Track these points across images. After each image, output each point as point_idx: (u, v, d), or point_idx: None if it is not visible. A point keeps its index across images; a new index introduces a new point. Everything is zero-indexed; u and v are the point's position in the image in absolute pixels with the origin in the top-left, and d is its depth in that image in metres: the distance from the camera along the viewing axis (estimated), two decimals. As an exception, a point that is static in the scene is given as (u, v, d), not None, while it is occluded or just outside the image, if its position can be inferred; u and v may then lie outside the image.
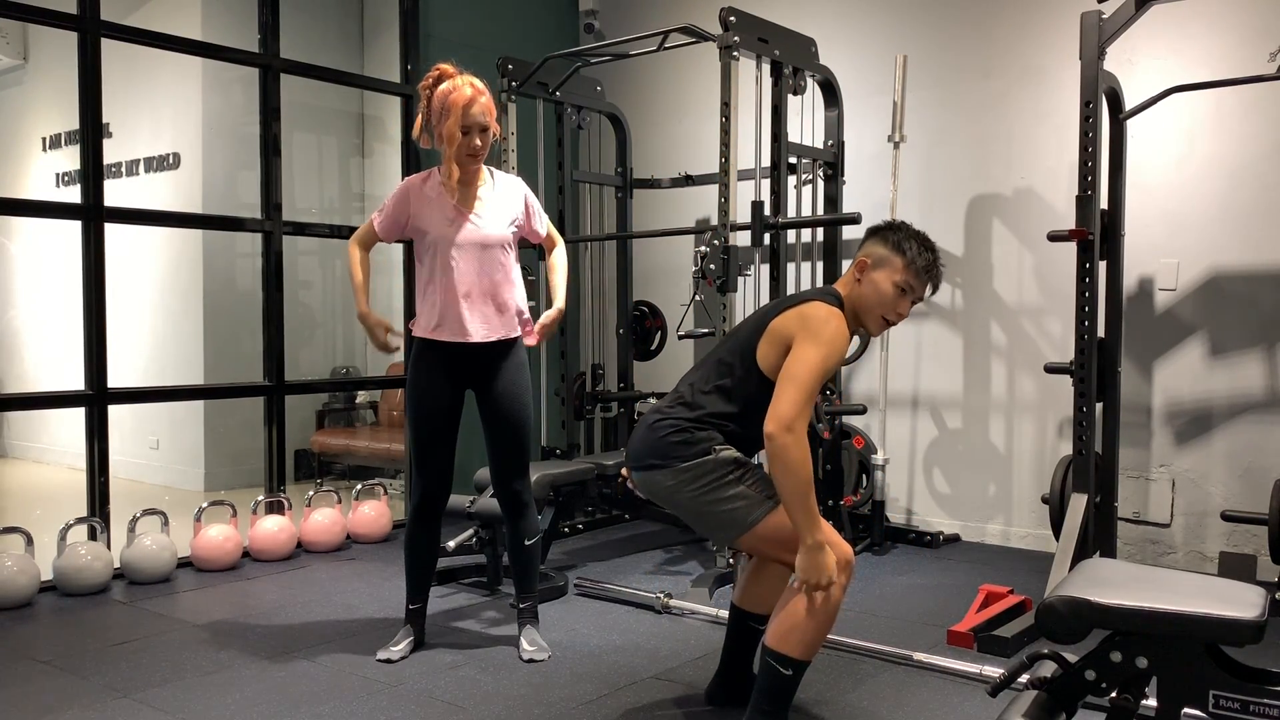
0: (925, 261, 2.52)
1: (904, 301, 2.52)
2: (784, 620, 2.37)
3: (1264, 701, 1.89)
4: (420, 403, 3.12)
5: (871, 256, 2.53)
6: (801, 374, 2.34)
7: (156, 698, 2.85)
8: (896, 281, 2.50)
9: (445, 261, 3.06)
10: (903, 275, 2.50)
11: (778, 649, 2.37)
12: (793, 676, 2.38)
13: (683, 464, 2.45)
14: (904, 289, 2.51)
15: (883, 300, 2.50)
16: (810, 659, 2.39)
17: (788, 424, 2.28)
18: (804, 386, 2.33)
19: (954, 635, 3.27)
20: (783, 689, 2.39)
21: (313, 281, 6.48)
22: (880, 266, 2.51)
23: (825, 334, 2.38)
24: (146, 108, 6.26)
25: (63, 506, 4.61)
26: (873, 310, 2.52)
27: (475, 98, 3.00)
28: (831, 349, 2.38)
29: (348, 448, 6.18)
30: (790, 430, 2.28)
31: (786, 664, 2.36)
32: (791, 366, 2.36)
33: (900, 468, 4.97)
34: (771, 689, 2.39)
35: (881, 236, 2.55)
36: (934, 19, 4.86)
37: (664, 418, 2.52)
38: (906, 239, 2.52)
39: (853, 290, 2.54)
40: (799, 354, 2.37)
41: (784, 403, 2.31)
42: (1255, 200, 4.06)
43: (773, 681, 2.39)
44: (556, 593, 3.84)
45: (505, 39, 5.56)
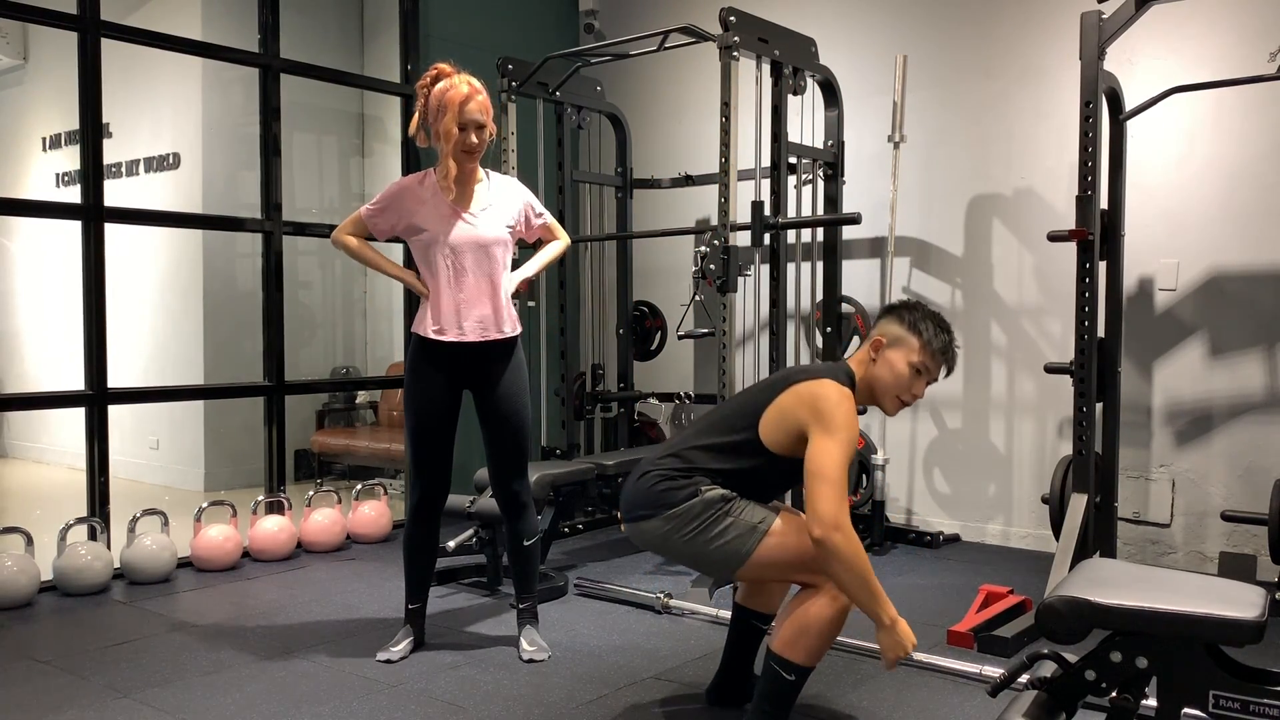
0: (941, 343, 2.51)
1: (919, 382, 2.51)
2: (791, 626, 2.38)
3: (1264, 701, 1.89)
4: (418, 403, 3.12)
5: (887, 335, 2.52)
6: (829, 470, 2.32)
7: (156, 698, 2.85)
8: (912, 362, 2.49)
9: (442, 262, 3.05)
10: (919, 356, 2.49)
11: (783, 654, 2.37)
12: (796, 682, 2.39)
13: (670, 510, 2.44)
14: (919, 370, 2.50)
15: (898, 381, 2.50)
16: (814, 665, 2.40)
17: (834, 523, 2.27)
18: (836, 482, 2.32)
19: (954, 635, 3.27)
20: (785, 693, 2.40)
21: (313, 281, 6.49)
22: (896, 346, 2.50)
23: (838, 422, 2.36)
24: (146, 108, 6.26)
25: (63, 506, 4.61)
26: (888, 391, 2.52)
27: (472, 95, 3.01)
28: (847, 434, 2.36)
29: (348, 448, 6.18)
30: (839, 529, 2.27)
31: (790, 669, 2.37)
32: (817, 463, 2.34)
33: (900, 468, 4.97)
34: (774, 693, 2.40)
35: (897, 315, 2.54)
36: (934, 19, 4.86)
37: (653, 469, 2.53)
38: (923, 319, 2.51)
39: (868, 370, 2.53)
40: (820, 450, 2.35)
41: (824, 503, 2.29)
42: (1255, 200, 4.06)
43: (776, 686, 2.39)
44: (556, 593, 3.84)
45: (505, 39, 5.56)
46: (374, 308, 6.65)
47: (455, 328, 3.06)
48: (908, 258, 4.93)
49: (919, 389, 2.52)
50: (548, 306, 5.21)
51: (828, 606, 2.35)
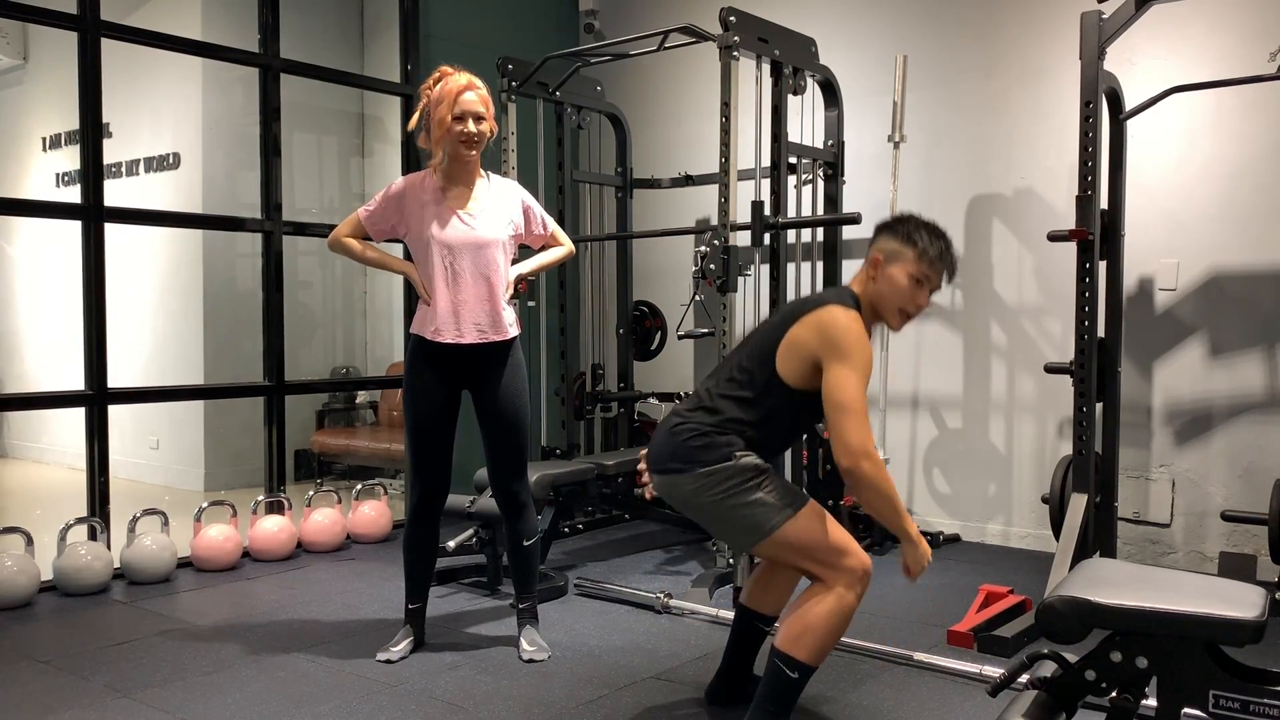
0: (938, 250, 2.49)
1: (921, 293, 2.50)
2: (796, 624, 2.38)
3: (1264, 701, 1.89)
4: (416, 403, 3.12)
5: (884, 252, 2.51)
6: (848, 399, 2.33)
7: (156, 698, 2.85)
8: (911, 273, 2.47)
9: (440, 263, 3.05)
10: (916, 266, 2.48)
11: (788, 652, 2.37)
12: (799, 680, 2.38)
13: (703, 468, 2.44)
14: (920, 280, 2.48)
15: (900, 294, 2.48)
16: (818, 664, 2.39)
17: (862, 452, 2.29)
18: (856, 409, 2.32)
19: (954, 635, 3.27)
20: (788, 691, 2.40)
21: (313, 281, 6.48)
22: (894, 261, 2.49)
23: (852, 348, 2.36)
24: (146, 108, 6.26)
25: (63, 506, 4.61)
26: (891, 305, 2.50)
27: (470, 86, 3.03)
28: (861, 359, 2.36)
29: (348, 448, 6.18)
30: (866, 456, 2.29)
31: (794, 667, 2.37)
32: (835, 394, 2.34)
33: (900, 468, 4.97)
34: (777, 691, 2.40)
35: (891, 230, 2.53)
36: (934, 19, 4.86)
37: (684, 422, 2.51)
38: (916, 229, 2.50)
39: (868, 288, 2.53)
40: (836, 379, 2.35)
41: (850, 433, 2.31)
42: (1255, 200, 4.06)
43: (779, 683, 2.39)
44: (556, 593, 3.84)
45: (505, 39, 5.56)
46: (374, 308, 6.65)
47: (453, 329, 3.06)
48: (908, 258, 4.92)
49: (922, 299, 2.51)
50: (548, 306, 5.21)
51: (834, 605, 2.35)
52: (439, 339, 3.05)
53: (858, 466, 2.29)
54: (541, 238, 3.31)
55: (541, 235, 3.30)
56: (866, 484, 2.31)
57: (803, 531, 2.40)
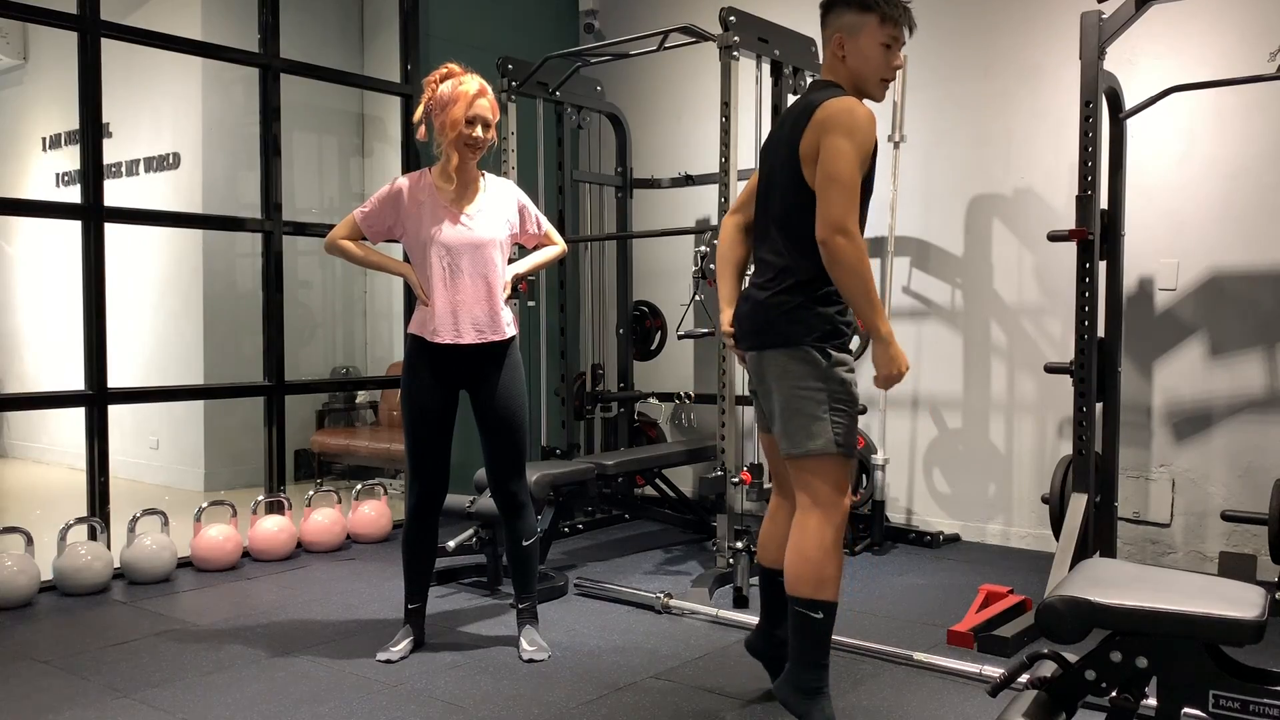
0: (896, 9, 2.44)
1: (893, 55, 2.46)
2: (794, 564, 2.41)
3: (1264, 701, 1.89)
4: (414, 404, 3.12)
5: (843, 28, 2.46)
6: (840, 170, 2.30)
7: (156, 698, 2.85)
8: (880, 40, 2.43)
9: (438, 263, 3.05)
10: (882, 31, 2.43)
11: (797, 594, 2.39)
12: (821, 619, 2.39)
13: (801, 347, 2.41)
14: (888, 44, 2.44)
15: (874, 64, 2.45)
16: (832, 597, 2.40)
17: (839, 226, 2.28)
18: (846, 182, 2.30)
19: (954, 635, 3.27)
20: (814, 632, 2.40)
21: (313, 281, 6.49)
22: (856, 33, 2.44)
23: (850, 122, 2.33)
24: (146, 108, 6.26)
25: (63, 506, 4.61)
26: (870, 77, 2.46)
27: (483, 92, 3.05)
28: (861, 133, 2.33)
29: (348, 448, 6.18)
30: (843, 232, 2.28)
31: (811, 606, 2.38)
32: (827, 165, 2.32)
33: (900, 468, 4.97)
34: (806, 634, 2.41)
35: (844, 4, 2.46)
36: (934, 19, 4.86)
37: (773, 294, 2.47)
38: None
39: (840, 71, 2.48)
40: (831, 148, 2.31)
41: (831, 205, 2.29)
42: (1255, 200, 4.06)
43: (805, 627, 2.41)
44: (556, 593, 3.84)
45: (505, 39, 5.56)
46: (374, 308, 6.65)
47: (452, 330, 3.05)
48: (908, 257, 4.93)
49: (896, 60, 2.47)
50: (548, 306, 5.21)
51: (822, 529, 2.39)
52: (437, 339, 3.05)
53: (832, 240, 2.28)
54: (536, 237, 3.31)
55: (536, 235, 3.30)
56: (839, 259, 2.29)
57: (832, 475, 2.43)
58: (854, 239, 2.29)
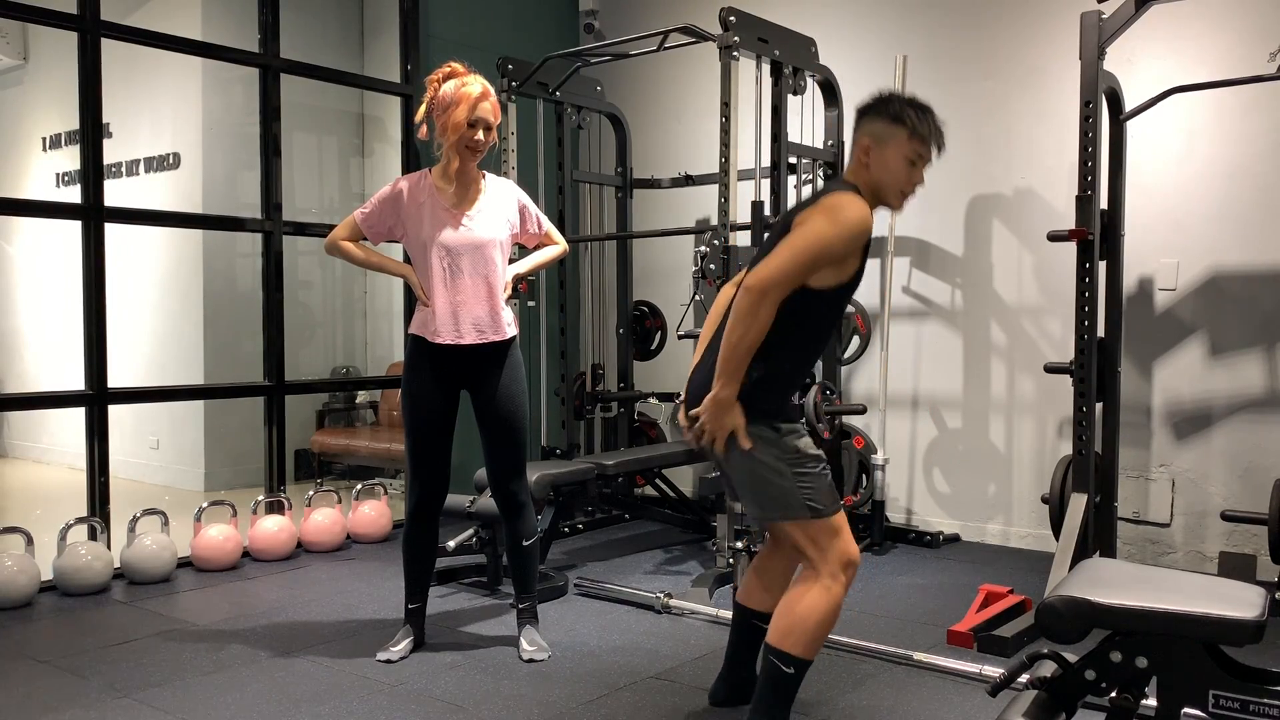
0: (927, 126, 2.44)
1: (917, 172, 2.46)
2: (785, 617, 2.38)
3: (1264, 701, 1.89)
4: (415, 404, 3.12)
5: (872, 136, 2.45)
6: (800, 242, 2.30)
7: (156, 698, 2.85)
8: (905, 155, 2.43)
9: (438, 263, 3.05)
10: (909, 146, 2.43)
11: (779, 646, 2.37)
12: (794, 675, 2.38)
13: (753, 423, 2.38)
14: (913, 160, 2.44)
15: (896, 176, 2.44)
16: (811, 658, 2.39)
17: (765, 286, 2.27)
18: (798, 254, 2.29)
19: (954, 635, 3.27)
20: (784, 686, 2.40)
21: (313, 281, 6.48)
22: (884, 144, 2.43)
23: (841, 214, 2.33)
24: (146, 108, 6.26)
25: (63, 506, 4.61)
26: (890, 188, 2.46)
27: (486, 95, 3.04)
28: (844, 228, 2.32)
29: (348, 448, 6.18)
30: (765, 294, 2.27)
31: (788, 662, 2.37)
32: (794, 234, 2.32)
33: (900, 468, 4.97)
34: (774, 687, 2.40)
35: (876, 112, 2.47)
36: (934, 19, 4.86)
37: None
38: (902, 108, 2.43)
39: (862, 175, 2.48)
40: (808, 224, 2.32)
41: (772, 263, 2.28)
42: (1255, 200, 4.06)
43: (775, 679, 2.39)
44: (556, 593, 3.84)
45: (505, 39, 5.56)
46: (374, 308, 6.65)
47: (452, 330, 3.05)
48: (908, 257, 4.93)
49: (918, 178, 2.47)
50: (548, 306, 5.21)
51: (821, 598, 2.35)
52: (438, 340, 3.05)
53: (752, 292, 2.26)
54: (536, 237, 3.31)
55: (536, 234, 3.30)
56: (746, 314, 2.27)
57: (822, 530, 2.40)
58: (770, 305, 2.28)
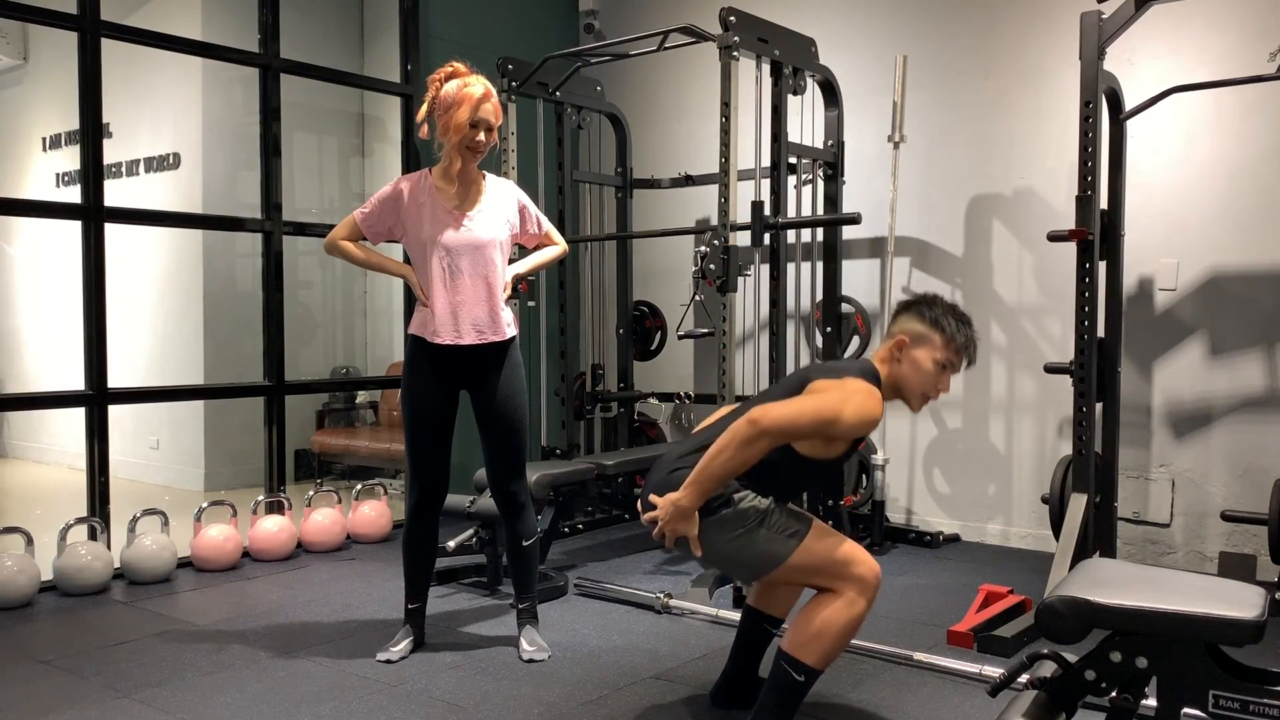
0: (965, 338, 2.50)
1: (944, 378, 2.50)
2: (805, 628, 2.38)
3: (1264, 701, 1.89)
4: (414, 404, 3.12)
5: (909, 334, 2.50)
6: (809, 408, 2.33)
7: (156, 698, 2.85)
8: (937, 359, 2.48)
9: (438, 264, 3.05)
10: (943, 353, 2.48)
11: (794, 654, 2.37)
12: (804, 683, 2.39)
13: (706, 517, 2.40)
14: (944, 365, 2.49)
15: (924, 379, 2.48)
16: (823, 669, 2.40)
17: (766, 428, 2.29)
18: (804, 416, 2.32)
19: (954, 635, 3.27)
20: (793, 694, 2.40)
21: (313, 281, 6.48)
22: (919, 344, 2.49)
23: (857, 404, 2.35)
24: (146, 108, 6.26)
25: (63, 506, 4.61)
26: (915, 389, 2.50)
27: (488, 96, 3.04)
28: (854, 418, 2.34)
29: (348, 448, 6.18)
30: (764, 434, 2.29)
31: (800, 670, 2.37)
32: (810, 398, 2.36)
33: (900, 468, 4.97)
34: (782, 692, 2.40)
35: (917, 312, 2.52)
36: (934, 19, 4.86)
37: (683, 467, 2.46)
38: (944, 314, 2.50)
39: (892, 369, 2.51)
40: (825, 396, 2.36)
41: (782, 411, 2.31)
42: (1255, 200, 4.06)
43: (784, 685, 2.40)
44: (556, 593, 3.84)
45: (505, 39, 5.56)
46: (374, 308, 6.65)
47: (452, 331, 3.05)
48: (908, 258, 4.93)
49: (945, 384, 2.51)
50: (548, 306, 5.21)
51: (844, 611, 2.36)
52: (438, 340, 3.05)
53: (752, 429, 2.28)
54: (536, 237, 3.31)
55: (536, 235, 3.30)
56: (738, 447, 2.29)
57: (812, 554, 2.40)
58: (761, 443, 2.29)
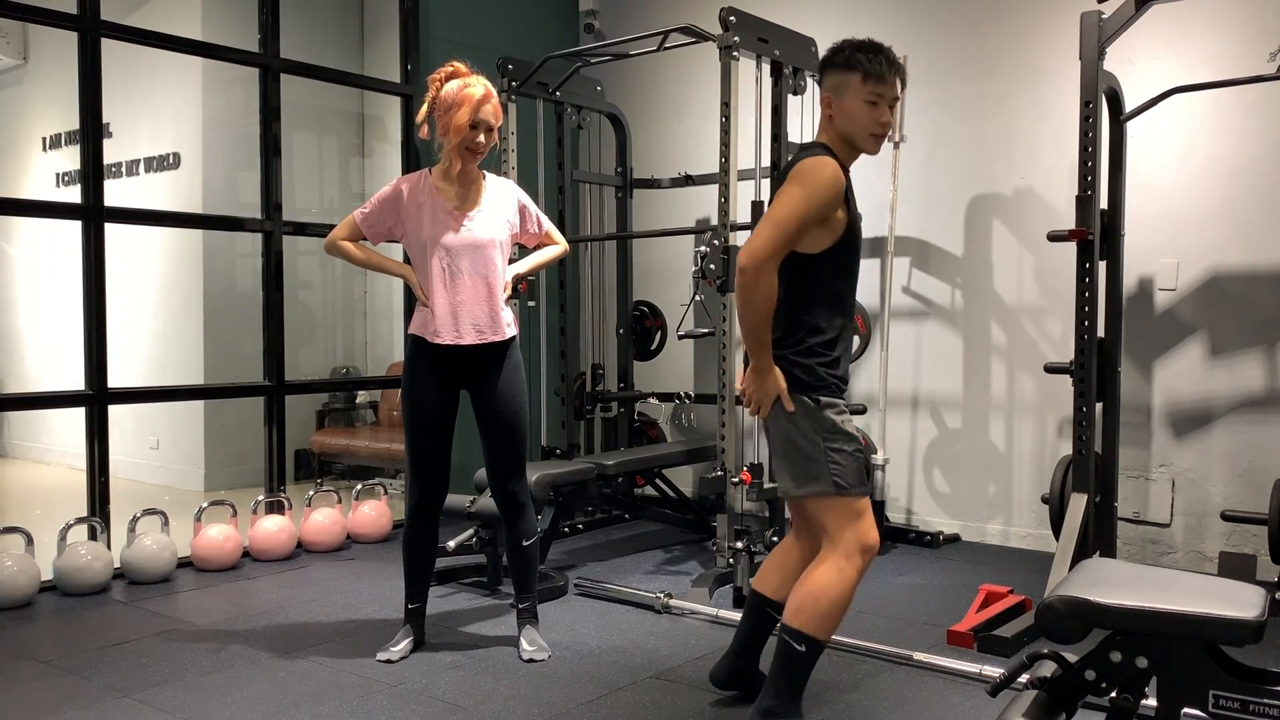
0: (878, 67, 2.46)
1: (880, 110, 2.47)
2: (798, 594, 2.43)
3: (1264, 701, 1.89)
4: (414, 404, 3.12)
5: (831, 88, 2.50)
6: (780, 213, 2.37)
7: (156, 698, 2.85)
8: (863, 98, 2.46)
9: (437, 264, 3.05)
10: (865, 89, 2.45)
11: (791, 624, 2.42)
12: (806, 655, 2.41)
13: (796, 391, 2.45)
14: (873, 101, 2.46)
15: (860, 121, 2.47)
16: (825, 639, 2.42)
17: (757, 261, 2.34)
18: (780, 224, 2.36)
19: (954, 635, 3.27)
20: (797, 666, 2.43)
21: (313, 281, 6.48)
22: (842, 93, 2.48)
23: (811, 176, 2.39)
24: (146, 108, 6.26)
25: (63, 506, 4.61)
26: (859, 135, 2.49)
27: (488, 97, 3.04)
28: (816, 189, 2.38)
29: (348, 448, 6.18)
30: (758, 269, 2.34)
31: (800, 639, 2.40)
32: (774, 207, 2.40)
33: (900, 468, 4.97)
34: (785, 666, 2.43)
35: (831, 64, 2.51)
36: (934, 19, 4.86)
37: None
38: (852, 53, 2.47)
39: (832, 129, 2.52)
40: (783, 195, 2.40)
41: (758, 238, 2.36)
42: (1255, 200, 4.06)
43: (786, 658, 2.43)
44: (556, 593, 3.84)
45: (505, 39, 5.56)
46: (374, 308, 6.65)
47: (452, 331, 3.05)
48: (908, 258, 4.93)
49: (884, 116, 2.48)
50: (548, 306, 5.20)
51: (834, 577, 2.40)
52: (438, 340, 3.05)
53: (746, 272, 2.35)
54: (536, 236, 3.31)
55: (537, 234, 3.30)
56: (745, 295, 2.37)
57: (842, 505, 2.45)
58: (767, 278, 2.35)
